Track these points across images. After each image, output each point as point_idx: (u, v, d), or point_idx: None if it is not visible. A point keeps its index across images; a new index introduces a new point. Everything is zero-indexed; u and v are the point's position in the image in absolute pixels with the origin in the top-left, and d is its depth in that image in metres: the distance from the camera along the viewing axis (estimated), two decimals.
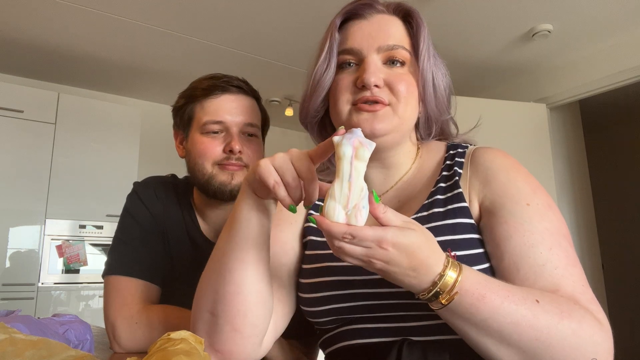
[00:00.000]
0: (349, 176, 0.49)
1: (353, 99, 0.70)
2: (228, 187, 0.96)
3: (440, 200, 0.69)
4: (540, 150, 3.25)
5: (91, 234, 3.30)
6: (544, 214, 0.64)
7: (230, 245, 0.63)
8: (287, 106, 4.12)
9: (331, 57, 0.72)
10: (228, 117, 0.98)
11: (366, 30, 0.72)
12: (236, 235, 0.62)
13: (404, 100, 0.70)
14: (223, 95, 1.00)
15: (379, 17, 0.73)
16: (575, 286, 0.59)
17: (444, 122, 0.79)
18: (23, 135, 3.16)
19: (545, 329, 0.52)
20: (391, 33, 0.71)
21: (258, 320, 0.64)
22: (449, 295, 0.52)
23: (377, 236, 0.49)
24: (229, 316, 0.62)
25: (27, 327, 0.63)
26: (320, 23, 0.82)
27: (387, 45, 0.70)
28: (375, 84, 0.68)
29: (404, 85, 0.70)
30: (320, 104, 0.76)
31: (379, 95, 0.68)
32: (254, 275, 0.62)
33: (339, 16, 0.74)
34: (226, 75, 1.03)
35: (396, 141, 0.73)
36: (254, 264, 0.62)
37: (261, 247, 0.63)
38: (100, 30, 2.93)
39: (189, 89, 1.04)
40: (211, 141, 0.98)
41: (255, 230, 0.62)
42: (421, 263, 0.51)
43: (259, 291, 0.63)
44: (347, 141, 0.50)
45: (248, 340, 0.63)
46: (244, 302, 0.62)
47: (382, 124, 0.68)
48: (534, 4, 2.61)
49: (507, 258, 0.62)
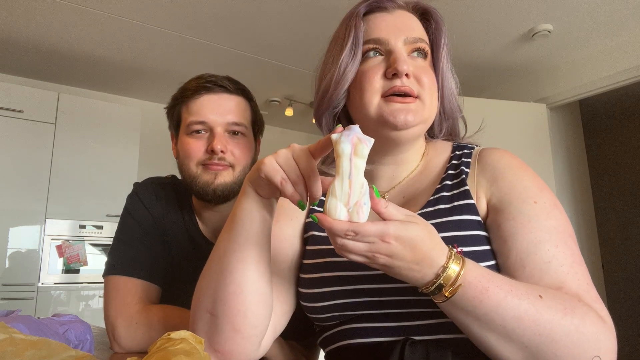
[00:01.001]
0: (349, 173, 0.50)
1: (383, 90, 0.69)
2: (211, 186, 0.96)
3: (446, 197, 0.70)
4: (540, 150, 3.25)
5: (91, 234, 3.30)
6: (551, 212, 0.64)
7: (231, 245, 0.62)
8: (287, 106, 4.11)
9: (357, 46, 0.72)
10: (211, 117, 0.98)
11: (392, 22, 0.72)
12: (238, 235, 0.62)
13: (429, 92, 0.70)
14: (206, 95, 0.99)
15: (401, 12, 0.74)
16: (580, 284, 0.59)
17: (455, 120, 0.80)
18: (23, 135, 3.16)
19: (548, 324, 0.52)
20: (414, 27, 0.73)
21: (258, 320, 0.64)
22: (452, 288, 0.53)
23: (379, 230, 0.49)
24: (229, 316, 0.62)
25: (27, 327, 0.63)
26: (321, 23, 0.82)
27: (413, 38, 0.71)
28: (407, 72, 0.68)
29: (429, 77, 0.71)
30: (342, 96, 0.75)
31: (409, 85, 0.68)
32: (255, 275, 0.62)
33: (363, 7, 0.74)
34: (213, 75, 1.02)
35: (420, 134, 0.74)
36: (256, 264, 0.62)
37: (263, 246, 0.63)
38: (100, 30, 2.93)
39: (178, 90, 1.05)
40: (195, 142, 0.98)
41: (257, 230, 0.62)
42: (424, 256, 0.52)
43: (260, 291, 0.63)
44: (346, 138, 0.50)
45: (248, 340, 0.63)
46: (245, 302, 0.62)
47: (415, 115, 0.68)
48: (534, 4, 2.61)
49: (513, 255, 0.62)
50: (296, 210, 0.78)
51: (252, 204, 0.61)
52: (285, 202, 0.78)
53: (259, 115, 1.10)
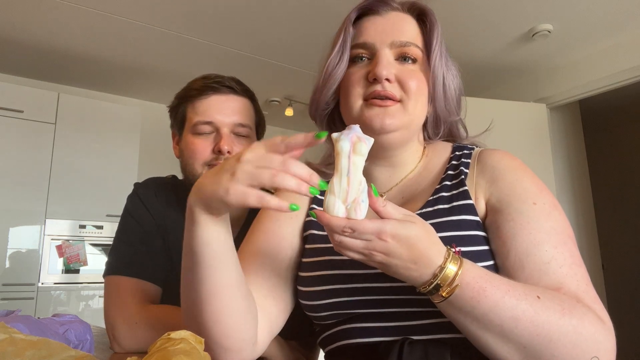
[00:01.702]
0: (347, 171, 0.50)
1: (364, 93, 0.70)
2: None
3: (445, 197, 0.70)
4: (540, 150, 3.25)
5: (91, 234, 3.30)
6: (550, 213, 0.64)
7: (194, 276, 0.59)
8: (287, 106, 4.11)
9: (344, 50, 0.73)
10: (218, 117, 0.98)
11: (380, 26, 0.72)
12: (199, 266, 0.57)
13: (414, 97, 0.70)
14: (214, 95, 1.00)
15: (394, 14, 0.74)
16: (579, 285, 0.59)
17: (452, 123, 0.80)
18: (23, 135, 3.16)
19: (546, 324, 0.52)
20: (405, 30, 0.72)
21: (245, 335, 0.63)
22: (449, 288, 0.53)
23: (376, 228, 0.49)
24: (214, 338, 0.61)
25: (27, 327, 0.63)
26: (321, 23, 0.82)
27: (400, 42, 0.71)
28: (387, 77, 0.68)
29: (415, 82, 0.70)
30: (331, 97, 0.76)
31: (389, 90, 0.68)
32: (229, 300, 0.60)
33: (354, 11, 0.75)
34: (219, 75, 1.03)
35: (404, 139, 0.73)
36: (227, 289, 0.59)
37: (228, 268, 0.59)
38: (100, 30, 2.93)
39: (183, 90, 1.05)
40: (201, 142, 0.98)
41: (219, 255, 0.57)
42: (421, 255, 0.52)
43: (239, 312, 0.61)
44: (345, 137, 0.51)
45: (240, 351, 0.64)
46: (226, 327, 0.61)
47: (393, 119, 0.68)
48: (534, 4, 2.61)
49: (512, 255, 0.62)
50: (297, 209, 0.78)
51: (207, 230, 0.56)
52: (285, 199, 0.78)
53: (262, 116, 1.10)
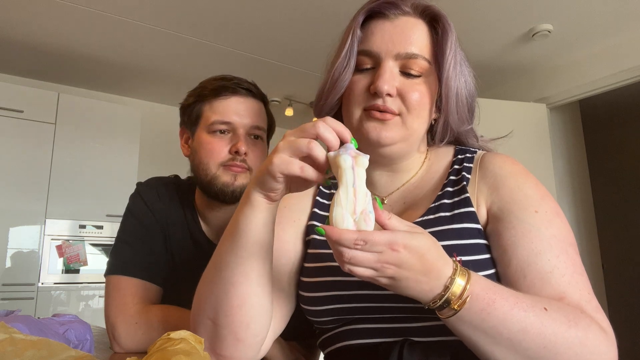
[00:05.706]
0: (353, 182, 0.49)
1: (365, 105, 0.69)
2: (230, 188, 0.97)
3: (447, 205, 0.69)
4: (540, 150, 3.25)
5: (91, 234, 3.30)
6: (552, 221, 0.63)
7: (234, 257, 0.61)
8: (287, 106, 4.11)
9: (351, 56, 0.70)
10: (236, 119, 0.99)
11: (387, 34, 0.69)
12: (242, 248, 0.60)
13: (415, 111, 0.68)
14: (233, 96, 1.01)
15: (404, 19, 0.70)
16: (582, 294, 0.58)
17: (462, 132, 0.77)
18: (23, 135, 3.16)
19: (552, 336, 0.52)
20: (413, 40, 0.69)
21: (260, 330, 0.64)
22: (460, 301, 0.51)
23: (388, 239, 0.48)
24: (231, 327, 0.62)
25: (27, 327, 0.63)
26: (321, 23, 0.82)
27: (406, 54, 0.68)
28: (388, 92, 0.66)
29: (417, 96, 0.68)
30: (336, 102, 0.75)
31: (389, 106, 0.67)
32: (258, 289, 0.62)
33: (362, 13, 0.71)
34: (236, 77, 1.04)
35: (403, 151, 0.72)
36: (258, 278, 0.62)
37: (266, 258, 0.62)
38: (100, 30, 2.93)
39: (198, 88, 1.05)
40: (218, 141, 0.99)
41: (262, 241, 0.61)
42: (432, 266, 0.50)
43: (262, 303, 0.63)
44: (344, 152, 0.51)
45: (250, 347, 0.64)
46: (247, 315, 0.62)
47: (390, 132, 0.67)
48: (534, 4, 2.61)
49: (514, 264, 0.61)
50: (298, 212, 0.78)
51: (257, 214, 0.59)
52: (287, 204, 0.78)
53: (273, 120, 1.11)
